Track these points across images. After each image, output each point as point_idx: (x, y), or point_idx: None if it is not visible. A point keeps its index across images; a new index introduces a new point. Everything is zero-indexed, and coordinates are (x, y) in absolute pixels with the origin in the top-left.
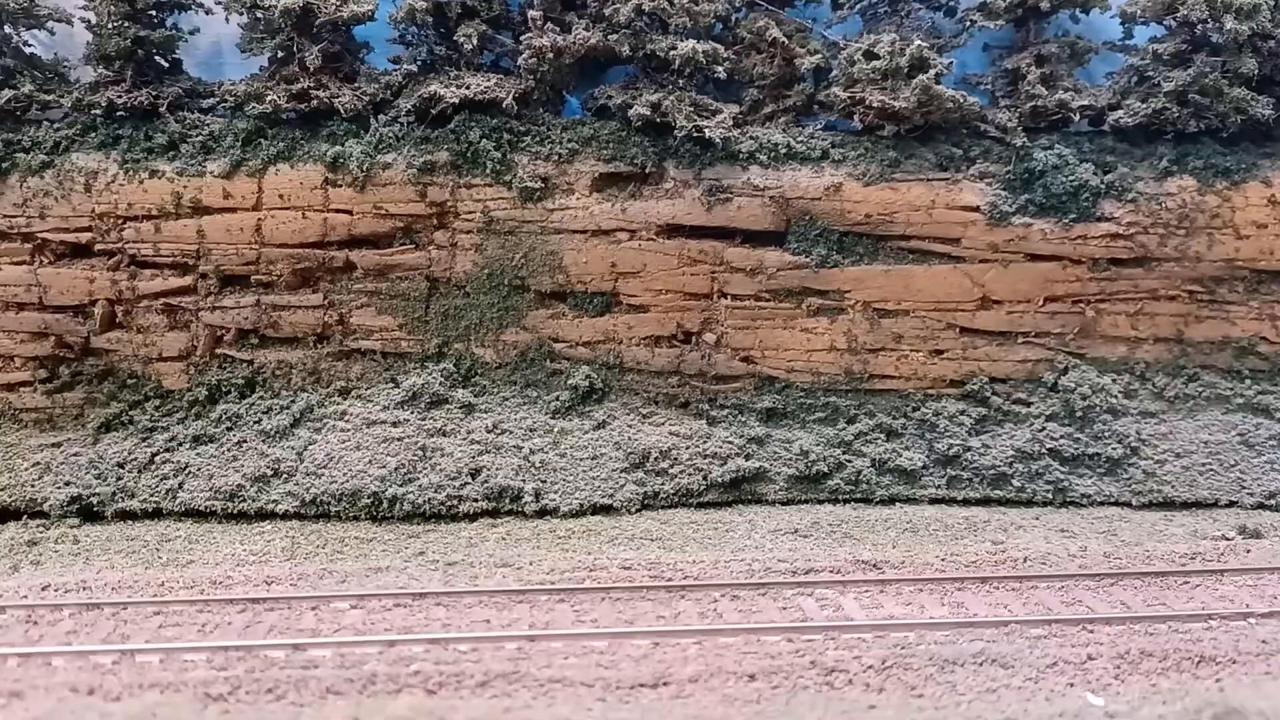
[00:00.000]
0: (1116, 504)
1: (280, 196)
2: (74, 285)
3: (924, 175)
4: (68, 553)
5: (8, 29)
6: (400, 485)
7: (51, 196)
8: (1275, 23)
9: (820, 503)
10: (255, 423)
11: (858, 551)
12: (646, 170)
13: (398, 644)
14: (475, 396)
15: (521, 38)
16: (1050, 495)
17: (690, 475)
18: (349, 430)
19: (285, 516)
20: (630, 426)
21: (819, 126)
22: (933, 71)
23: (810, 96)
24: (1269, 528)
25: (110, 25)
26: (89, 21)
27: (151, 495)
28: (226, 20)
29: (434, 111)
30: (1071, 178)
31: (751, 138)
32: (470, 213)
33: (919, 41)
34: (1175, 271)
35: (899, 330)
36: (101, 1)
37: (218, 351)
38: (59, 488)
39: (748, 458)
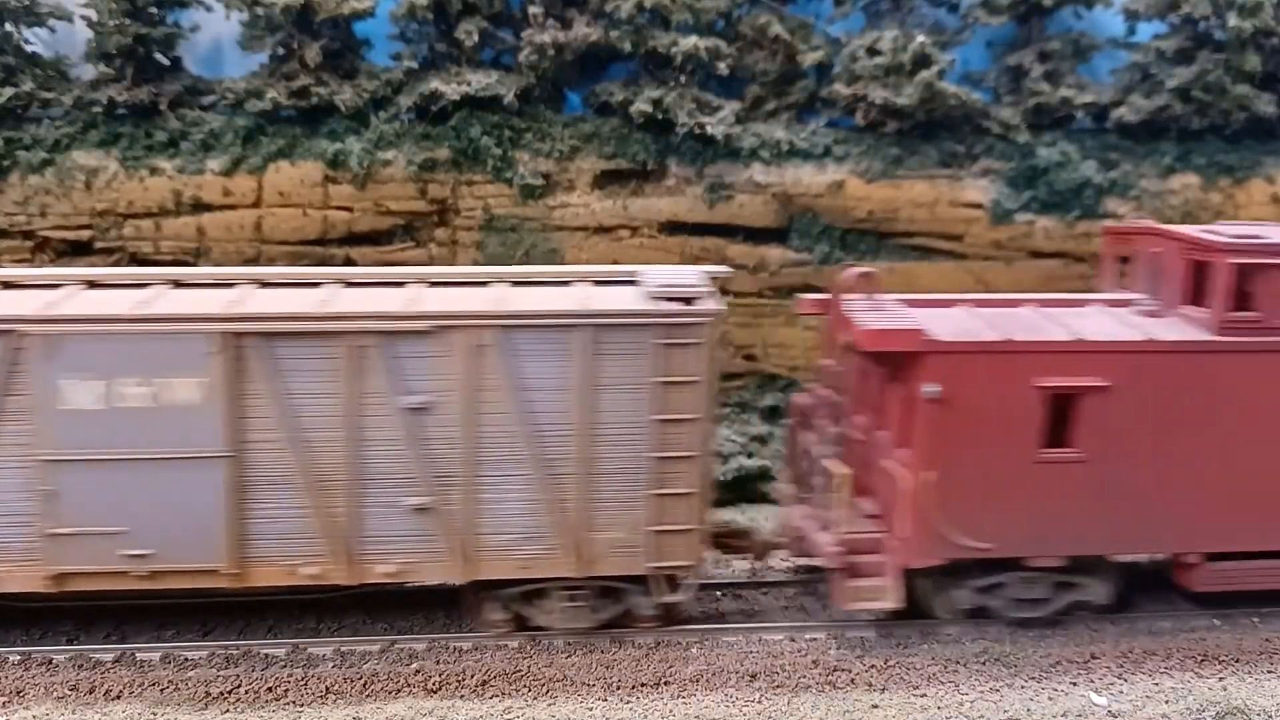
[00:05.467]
0: None
1: (280, 194)
2: None
3: (927, 172)
4: None
5: (9, 27)
6: None
7: (52, 194)
8: (1279, 19)
9: None
10: None
11: None
12: (648, 167)
13: (398, 643)
14: None
15: (522, 34)
16: None
17: None
18: None
19: None
20: None
21: (821, 123)
22: (935, 68)
23: (812, 93)
24: None
25: (111, 23)
26: (90, 19)
27: None
28: (227, 17)
29: (434, 108)
30: (1075, 175)
31: (754, 134)
32: (471, 210)
33: (921, 38)
34: None
35: None
36: None
37: None
38: None
39: (750, 456)
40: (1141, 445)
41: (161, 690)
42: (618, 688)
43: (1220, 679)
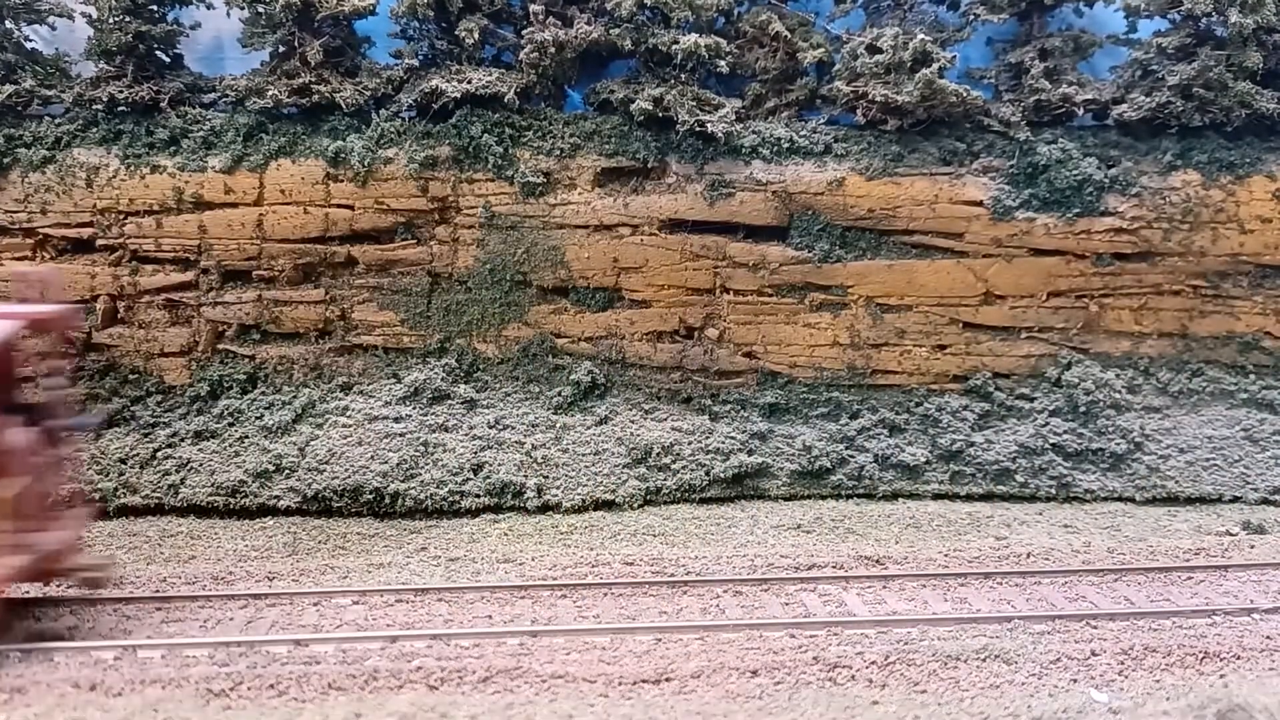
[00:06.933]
0: (1120, 499)
1: (282, 191)
2: (75, 281)
3: (927, 170)
4: None
5: (9, 24)
6: (403, 481)
7: (53, 192)
8: None
9: (823, 498)
10: (257, 418)
11: (860, 547)
12: (649, 165)
13: (400, 639)
14: (477, 392)
15: (523, 32)
16: (1054, 491)
17: (693, 471)
18: (351, 426)
19: (287, 512)
20: (632, 422)
21: (822, 121)
22: (936, 65)
23: (813, 91)
24: (1273, 523)
25: (111, 20)
26: (90, 16)
27: (153, 491)
28: (228, 15)
29: (435, 106)
30: (1075, 172)
31: (754, 132)
32: (472, 208)
33: (922, 35)
34: (1179, 266)
35: (902, 325)
36: None
37: (219, 347)
38: (60, 483)
39: (750, 453)
40: None
41: (163, 687)
42: (619, 683)
43: (1221, 676)
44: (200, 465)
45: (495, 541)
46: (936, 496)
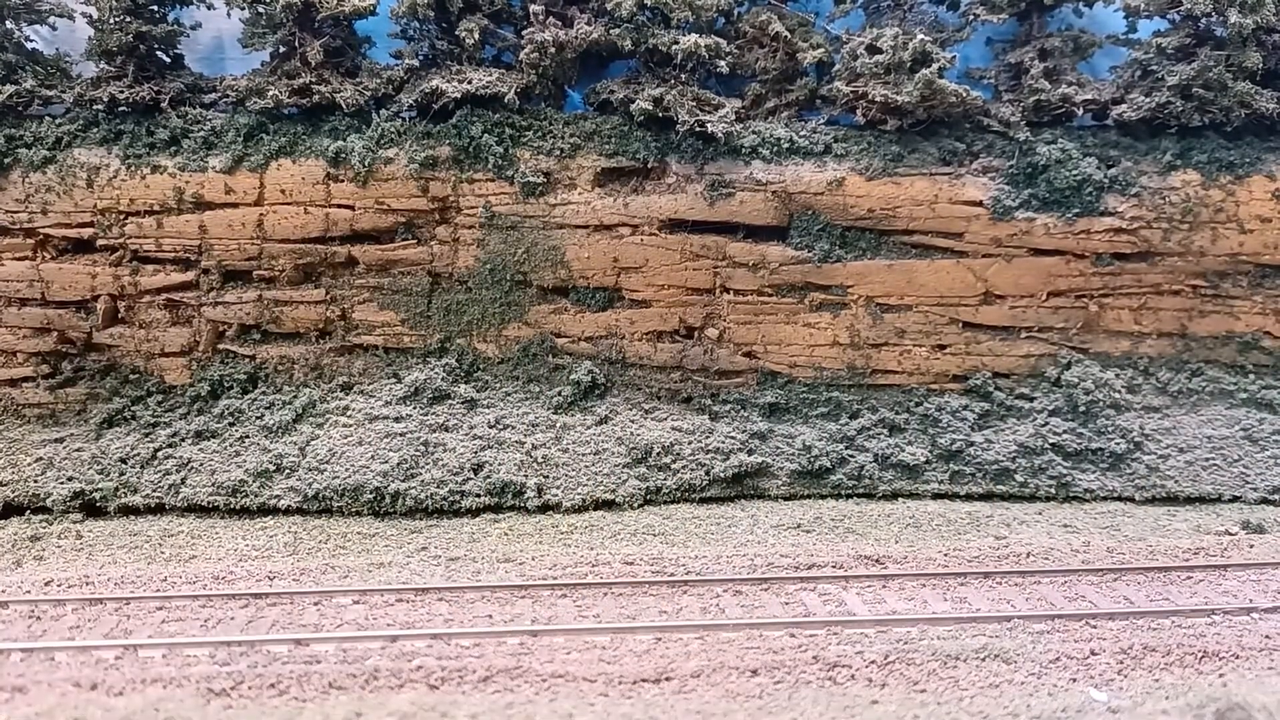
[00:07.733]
0: (1119, 499)
1: (282, 191)
2: (76, 280)
3: (927, 170)
4: (70, 548)
5: (10, 24)
6: (402, 481)
7: (54, 192)
8: None
9: (823, 498)
10: (257, 418)
11: (860, 547)
12: (649, 165)
13: (400, 639)
14: (477, 392)
15: (523, 32)
16: (1053, 490)
17: (692, 470)
18: (351, 425)
19: (288, 512)
20: (632, 422)
21: (821, 121)
22: (935, 66)
23: (813, 91)
24: (1273, 522)
25: (112, 20)
26: (90, 17)
27: (154, 490)
28: (228, 15)
29: (436, 106)
30: (1075, 172)
31: (754, 132)
32: (472, 208)
33: (922, 36)
34: (1179, 266)
35: (901, 325)
36: None
37: (220, 347)
38: (62, 483)
39: (750, 453)
40: None
41: (164, 687)
42: (619, 683)
43: (1220, 675)
44: (201, 465)
45: (495, 541)
46: (936, 496)
